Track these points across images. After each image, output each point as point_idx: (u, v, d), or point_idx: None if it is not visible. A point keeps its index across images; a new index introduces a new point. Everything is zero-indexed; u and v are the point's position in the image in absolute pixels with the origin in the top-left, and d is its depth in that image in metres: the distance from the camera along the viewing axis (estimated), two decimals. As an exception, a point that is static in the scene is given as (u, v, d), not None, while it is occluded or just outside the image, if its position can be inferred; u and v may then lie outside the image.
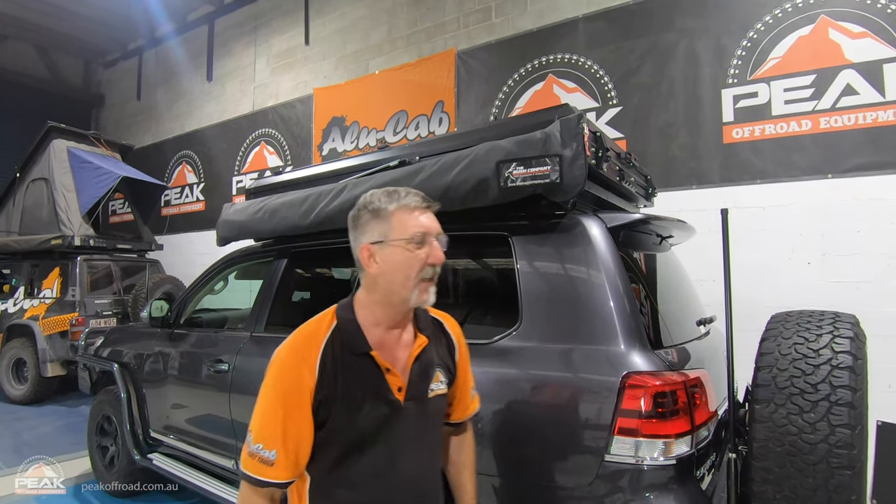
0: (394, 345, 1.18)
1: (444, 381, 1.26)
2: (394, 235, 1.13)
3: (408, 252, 1.12)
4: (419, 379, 1.20)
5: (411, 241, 1.12)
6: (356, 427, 1.11)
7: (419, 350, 1.21)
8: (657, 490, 1.48)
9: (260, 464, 1.07)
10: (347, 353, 1.13)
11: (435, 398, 1.23)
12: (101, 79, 11.00)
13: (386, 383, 1.15)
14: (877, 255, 3.50)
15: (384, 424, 1.14)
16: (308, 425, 1.09)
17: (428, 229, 1.15)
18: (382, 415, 1.13)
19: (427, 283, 1.14)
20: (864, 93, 3.60)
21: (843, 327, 1.47)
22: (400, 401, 1.15)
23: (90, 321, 6.03)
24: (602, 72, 4.79)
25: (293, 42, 7.53)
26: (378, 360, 1.14)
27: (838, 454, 1.26)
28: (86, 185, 6.66)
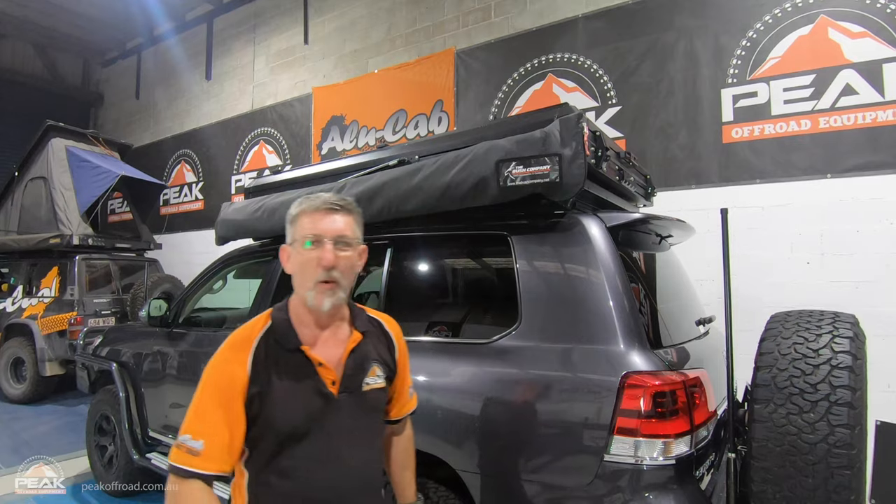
0: (327, 341, 1.23)
1: (381, 375, 1.29)
2: (295, 238, 1.20)
3: (303, 254, 1.17)
4: (353, 373, 1.24)
5: (304, 243, 1.16)
6: (290, 419, 1.15)
7: (353, 345, 1.25)
8: (656, 490, 1.47)
9: (187, 454, 1.09)
10: (280, 349, 1.18)
11: (371, 391, 1.27)
12: (100, 77, 10.97)
13: (319, 377, 1.19)
14: (875, 255, 3.50)
15: (318, 416, 1.17)
16: (240, 419, 1.12)
17: (321, 232, 1.17)
18: (316, 407, 1.17)
19: (323, 285, 1.16)
20: (864, 93, 3.60)
21: (843, 327, 1.47)
22: (333, 393, 1.19)
23: (89, 320, 6.03)
24: (601, 71, 4.79)
25: (292, 41, 7.51)
26: (309, 354, 1.19)
27: (838, 454, 1.26)
28: (84, 184, 6.65)
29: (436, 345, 1.99)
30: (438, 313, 2.18)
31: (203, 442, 1.08)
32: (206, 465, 1.08)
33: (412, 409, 1.46)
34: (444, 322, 2.07)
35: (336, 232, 1.18)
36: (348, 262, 1.20)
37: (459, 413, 1.80)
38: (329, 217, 1.19)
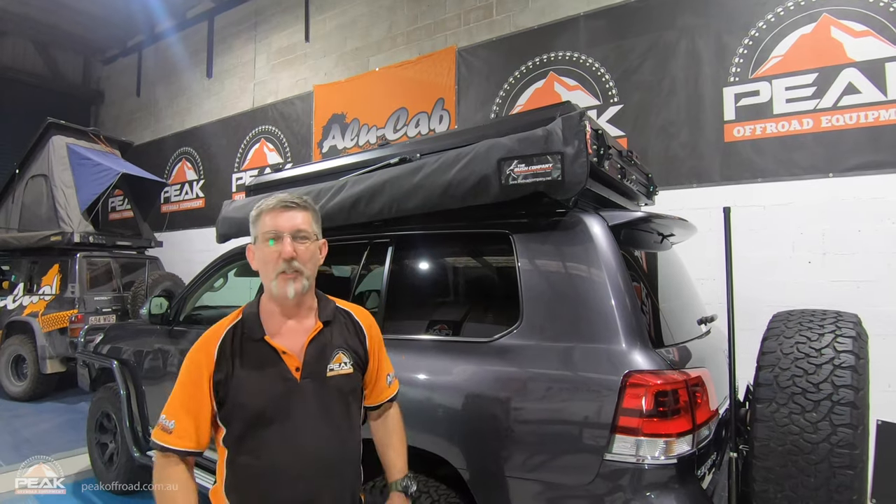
0: (292, 330, 1.34)
1: (347, 362, 1.37)
2: (257, 235, 1.32)
3: (264, 249, 1.29)
4: (315, 360, 1.33)
5: (265, 239, 1.28)
6: (255, 403, 1.26)
7: (314, 334, 1.34)
8: (658, 489, 1.47)
9: (162, 431, 1.25)
10: (247, 339, 1.30)
11: (336, 377, 1.35)
12: (101, 75, 10.96)
13: (283, 364, 1.30)
14: (877, 255, 3.50)
15: (282, 400, 1.27)
16: (206, 403, 1.25)
17: (279, 228, 1.28)
18: (279, 391, 1.28)
19: (284, 276, 1.27)
20: (866, 92, 3.59)
21: (846, 326, 1.46)
22: (297, 379, 1.29)
23: (89, 318, 6.03)
24: (603, 70, 4.78)
25: (293, 39, 7.50)
26: (272, 343, 1.30)
27: (840, 454, 1.26)
28: (85, 181, 6.65)
29: (437, 343, 1.98)
30: (439, 312, 2.18)
31: (174, 422, 1.24)
32: (178, 441, 1.23)
33: (390, 396, 1.53)
34: (445, 320, 2.07)
35: (293, 227, 1.28)
36: (308, 252, 1.30)
37: (460, 412, 1.80)
38: (286, 213, 1.29)
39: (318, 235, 1.36)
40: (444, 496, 1.81)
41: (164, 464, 1.26)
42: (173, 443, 1.24)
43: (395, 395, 1.55)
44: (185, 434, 1.24)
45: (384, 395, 1.51)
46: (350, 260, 2.47)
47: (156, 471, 1.27)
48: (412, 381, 1.92)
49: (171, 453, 1.24)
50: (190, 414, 1.24)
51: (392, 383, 1.54)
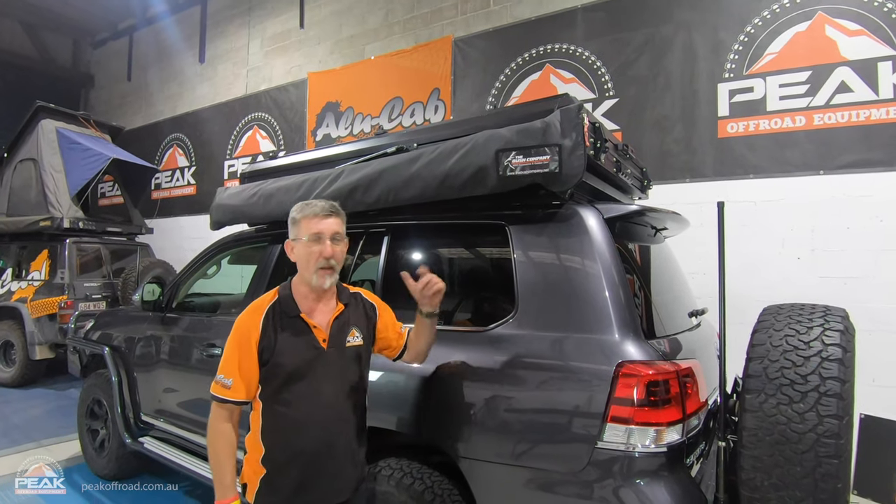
0: (321, 310, 1.64)
1: (359, 336, 1.68)
2: (300, 236, 1.60)
3: (307, 248, 1.58)
4: (338, 333, 1.63)
5: (310, 240, 1.57)
6: (291, 363, 1.55)
7: (337, 313, 1.65)
8: (648, 477, 1.50)
9: (221, 387, 1.53)
10: (284, 315, 1.60)
11: (351, 348, 1.65)
12: (91, 59, 10.79)
13: (313, 335, 1.60)
14: (864, 252, 3.55)
15: (312, 363, 1.57)
16: (254, 363, 1.54)
17: (322, 231, 1.57)
18: (310, 356, 1.57)
19: (324, 270, 1.57)
20: (859, 90, 3.62)
21: (834, 320, 1.49)
22: (324, 347, 1.60)
23: (79, 304, 5.98)
24: (599, 63, 4.78)
25: (288, 25, 7.42)
26: (306, 319, 1.60)
27: (826, 444, 1.29)
28: (75, 166, 6.56)
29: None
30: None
31: (232, 379, 1.53)
32: (235, 395, 1.53)
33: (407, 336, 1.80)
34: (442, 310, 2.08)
35: (332, 231, 1.60)
36: (341, 253, 1.62)
37: (455, 400, 1.82)
38: (326, 220, 1.59)
39: (344, 236, 1.65)
40: (438, 483, 1.84)
41: (219, 414, 1.54)
42: (231, 395, 1.52)
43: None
44: (242, 389, 1.53)
45: (402, 341, 1.78)
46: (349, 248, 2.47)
47: (212, 418, 1.55)
48: (408, 369, 1.93)
49: (230, 404, 1.54)
50: (242, 372, 1.53)
51: (404, 330, 1.80)
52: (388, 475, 1.89)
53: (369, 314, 1.75)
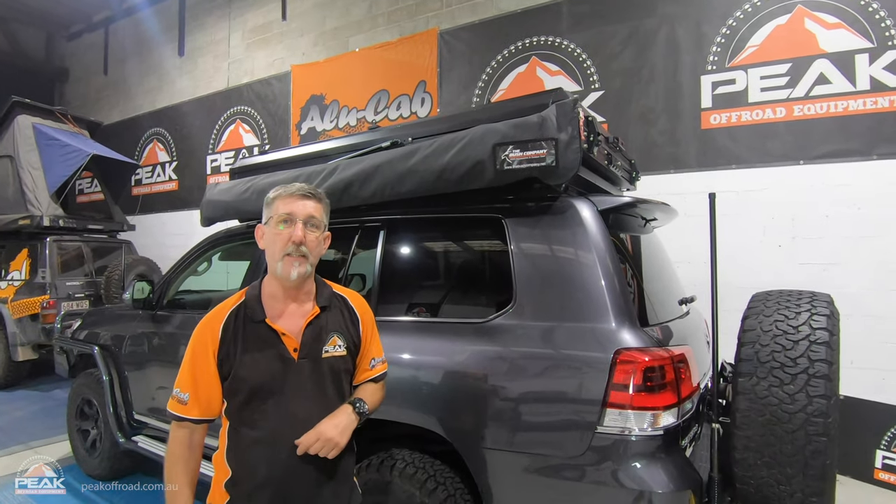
0: (292, 313, 1.42)
1: (341, 344, 1.46)
2: (270, 217, 1.39)
3: (275, 231, 1.37)
4: (312, 341, 1.41)
5: (279, 221, 1.36)
6: (255, 378, 1.35)
7: (311, 318, 1.42)
8: (646, 459, 1.56)
9: (177, 403, 1.36)
10: (248, 321, 1.39)
11: (330, 358, 1.43)
12: (65, 52, 10.49)
13: (282, 344, 1.38)
14: (842, 239, 3.67)
15: (279, 377, 1.37)
16: (213, 377, 1.36)
17: (293, 213, 1.36)
18: (278, 369, 1.37)
19: (290, 258, 1.34)
20: (837, 82, 3.73)
21: (820, 305, 1.56)
22: (294, 358, 1.38)
23: (62, 304, 5.87)
24: (585, 55, 4.82)
25: (269, 17, 7.32)
26: (272, 325, 1.39)
27: (815, 422, 1.36)
28: (53, 163, 6.41)
29: (433, 325, 2.03)
30: (434, 294, 2.22)
31: (188, 394, 1.35)
32: (192, 412, 1.35)
33: (369, 378, 1.56)
34: (440, 303, 2.11)
35: (306, 214, 1.37)
36: (315, 241, 1.39)
37: (457, 390, 1.85)
38: (301, 201, 1.38)
39: (326, 227, 1.45)
40: (441, 471, 1.88)
41: (176, 434, 1.37)
42: (189, 413, 1.35)
43: (377, 377, 1.57)
44: (200, 405, 1.36)
45: (364, 376, 1.56)
46: (341, 244, 2.48)
47: (170, 437, 1.39)
48: (409, 361, 1.96)
49: (187, 422, 1.36)
50: (200, 386, 1.36)
51: (375, 367, 1.57)
52: (391, 465, 1.92)
53: (354, 321, 1.52)
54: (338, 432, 1.34)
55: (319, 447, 1.32)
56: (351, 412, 1.40)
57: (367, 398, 1.48)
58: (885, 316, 3.48)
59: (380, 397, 1.57)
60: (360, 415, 1.41)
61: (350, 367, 1.50)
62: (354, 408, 1.41)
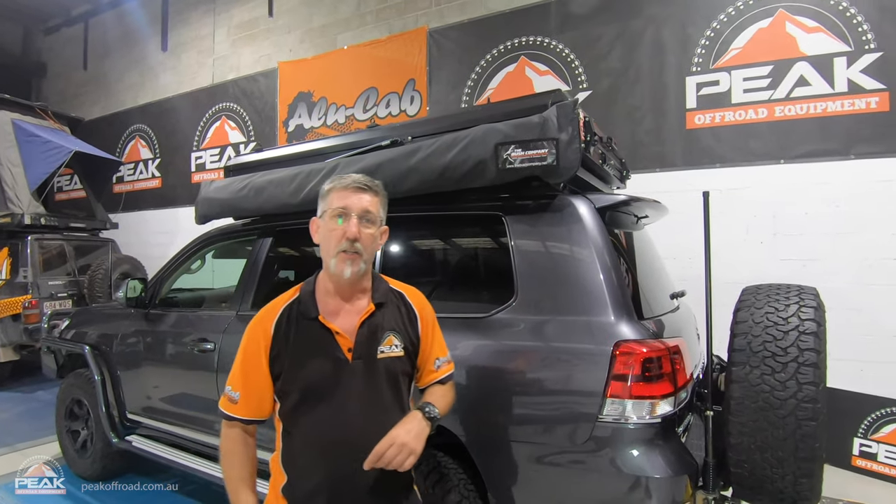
0: (347, 311, 1.36)
1: (398, 345, 1.38)
2: (325, 210, 1.34)
3: (330, 225, 1.31)
4: (366, 341, 1.34)
5: (333, 215, 1.31)
6: (306, 379, 1.30)
7: (366, 316, 1.36)
8: (645, 445, 1.63)
9: (228, 402, 1.35)
10: (302, 318, 1.34)
11: (386, 359, 1.36)
12: (42, 46, 10.23)
13: (336, 343, 1.32)
14: (822, 235, 3.82)
15: (333, 378, 1.31)
16: (264, 376, 1.32)
17: (348, 207, 1.30)
18: (330, 370, 1.31)
19: (344, 255, 1.29)
20: (816, 84, 3.87)
21: (808, 298, 1.65)
22: (348, 359, 1.32)
23: (44, 303, 5.77)
24: (573, 56, 4.90)
25: (255, 13, 7.26)
26: (326, 323, 1.33)
27: (805, 408, 1.44)
28: (34, 160, 6.28)
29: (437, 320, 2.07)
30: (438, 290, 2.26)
31: (239, 393, 1.33)
32: (242, 411, 1.33)
33: (436, 379, 1.49)
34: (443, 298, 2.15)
35: (362, 208, 1.31)
36: (370, 237, 1.32)
37: (462, 383, 1.90)
38: (357, 195, 1.32)
39: (383, 221, 1.39)
40: (444, 463, 1.92)
41: (228, 433, 1.36)
42: (239, 412, 1.33)
43: (444, 377, 1.50)
44: (250, 406, 1.33)
45: (429, 379, 1.48)
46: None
47: (223, 434, 1.38)
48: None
49: (236, 422, 1.34)
50: (252, 385, 1.33)
51: (441, 367, 1.49)
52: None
53: (412, 319, 1.44)
54: (412, 437, 1.23)
55: (394, 454, 1.19)
56: (421, 418, 1.30)
57: (436, 402, 1.38)
58: (863, 309, 3.63)
59: (450, 400, 1.47)
60: (430, 420, 1.31)
61: (408, 369, 1.42)
62: (424, 413, 1.31)
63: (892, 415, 3.46)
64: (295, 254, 3.08)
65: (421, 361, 1.46)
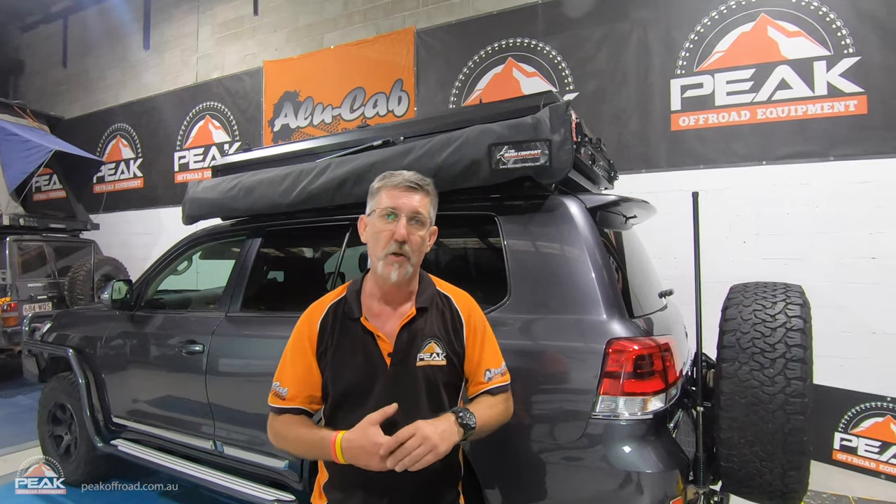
0: (390, 314, 1.32)
1: (439, 353, 1.31)
2: (374, 209, 1.31)
3: (378, 225, 1.28)
4: (406, 347, 1.29)
5: (382, 215, 1.27)
6: (344, 380, 1.29)
7: (406, 320, 1.31)
8: (637, 441, 1.66)
9: (275, 396, 1.34)
10: (346, 317, 1.33)
11: (426, 367, 1.30)
12: (20, 43, 9.99)
13: (377, 347, 1.29)
14: (803, 235, 3.91)
15: (369, 382, 1.27)
16: (312, 371, 1.32)
17: (398, 207, 1.26)
18: (368, 374, 1.28)
19: (392, 257, 1.25)
20: (797, 87, 3.96)
21: (794, 295, 1.69)
22: (386, 363, 1.28)
23: (23, 306, 5.64)
24: (560, 58, 4.95)
25: (240, 11, 7.19)
26: (367, 325, 1.30)
27: (793, 402, 1.48)
28: (13, 159, 6.13)
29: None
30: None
31: (288, 389, 1.33)
32: (291, 403, 1.33)
33: (488, 388, 1.37)
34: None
35: (412, 209, 1.28)
36: (419, 240, 1.29)
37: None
38: (407, 194, 1.28)
39: (433, 221, 1.36)
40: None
41: (278, 422, 1.34)
42: (287, 404, 1.33)
43: (493, 388, 1.38)
44: (299, 397, 1.33)
45: (477, 389, 1.38)
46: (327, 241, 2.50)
47: (270, 428, 1.35)
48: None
49: (287, 414, 1.33)
50: (299, 380, 1.32)
51: (493, 379, 1.38)
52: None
53: (457, 325, 1.36)
54: (437, 433, 1.13)
55: (414, 445, 1.11)
56: (453, 421, 1.20)
57: (478, 412, 1.27)
58: (843, 307, 3.73)
59: (497, 413, 1.33)
60: (463, 426, 1.20)
61: (453, 380, 1.35)
62: (457, 417, 1.21)
63: (872, 409, 3.56)
64: (284, 255, 3.07)
65: (469, 371, 1.37)
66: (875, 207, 3.72)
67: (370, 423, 1.16)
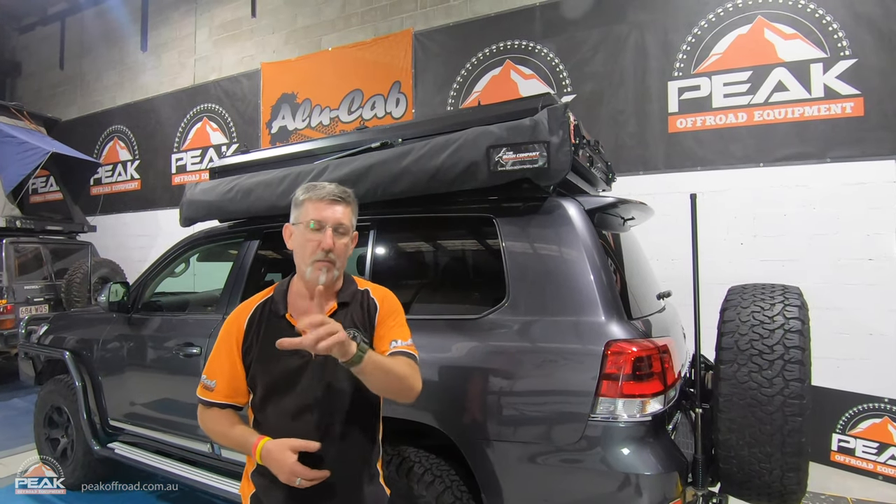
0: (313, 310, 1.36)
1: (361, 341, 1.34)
2: (300, 220, 1.39)
3: (306, 235, 1.36)
4: None
5: (308, 226, 1.36)
6: (271, 374, 1.38)
7: (329, 313, 1.41)
8: (636, 443, 1.66)
9: (204, 389, 1.43)
10: (272, 315, 1.43)
11: None
12: (17, 45, 9.97)
13: None
14: (800, 236, 3.92)
15: (296, 374, 1.37)
16: (237, 367, 1.41)
17: (324, 219, 1.36)
18: (295, 366, 1.37)
19: (319, 263, 1.35)
20: (794, 89, 3.98)
21: (792, 297, 1.70)
22: (312, 354, 1.32)
23: (20, 308, 5.62)
24: (557, 60, 4.96)
25: (238, 13, 7.19)
26: (291, 321, 1.39)
27: (791, 404, 1.49)
28: (10, 161, 6.12)
29: (429, 322, 2.07)
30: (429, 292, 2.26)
31: (215, 381, 1.41)
32: (219, 396, 1.41)
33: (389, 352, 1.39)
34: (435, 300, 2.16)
35: (336, 220, 1.37)
36: (343, 247, 1.39)
37: (454, 385, 1.91)
38: (331, 207, 1.38)
39: (353, 228, 1.44)
40: (437, 465, 1.92)
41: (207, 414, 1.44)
42: (214, 397, 1.41)
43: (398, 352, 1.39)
44: (225, 391, 1.41)
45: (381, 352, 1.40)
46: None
47: (200, 420, 1.46)
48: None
49: (215, 407, 1.42)
50: (226, 375, 1.41)
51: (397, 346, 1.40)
52: (388, 461, 1.96)
53: (371, 311, 1.45)
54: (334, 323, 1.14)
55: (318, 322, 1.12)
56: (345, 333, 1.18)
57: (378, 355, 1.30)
58: (840, 308, 3.74)
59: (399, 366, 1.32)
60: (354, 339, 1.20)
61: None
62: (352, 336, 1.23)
63: (869, 410, 3.57)
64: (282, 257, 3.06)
65: (377, 344, 1.42)
66: (871, 209, 3.73)
67: (290, 447, 1.28)
